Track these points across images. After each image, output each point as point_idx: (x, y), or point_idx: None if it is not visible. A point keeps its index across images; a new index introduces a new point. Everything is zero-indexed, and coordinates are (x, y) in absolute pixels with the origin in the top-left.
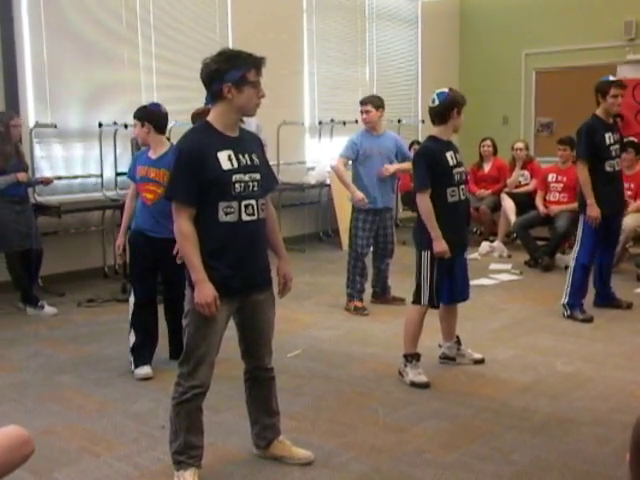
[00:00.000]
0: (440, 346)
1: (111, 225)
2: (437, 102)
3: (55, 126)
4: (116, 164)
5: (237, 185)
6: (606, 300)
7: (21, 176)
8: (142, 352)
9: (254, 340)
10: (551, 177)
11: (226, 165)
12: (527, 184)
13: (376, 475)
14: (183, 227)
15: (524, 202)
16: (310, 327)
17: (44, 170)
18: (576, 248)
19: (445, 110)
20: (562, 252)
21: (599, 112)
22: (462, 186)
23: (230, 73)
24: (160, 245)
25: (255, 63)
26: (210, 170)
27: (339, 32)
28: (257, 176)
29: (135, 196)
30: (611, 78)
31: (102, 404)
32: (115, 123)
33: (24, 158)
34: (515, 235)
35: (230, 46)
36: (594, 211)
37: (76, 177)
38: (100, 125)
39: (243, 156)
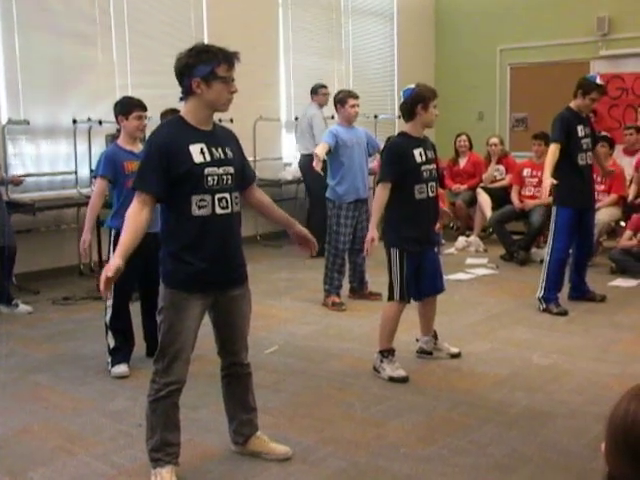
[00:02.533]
0: (417, 340)
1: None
2: (402, 99)
3: (28, 122)
4: (91, 161)
5: (210, 178)
6: (581, 293)
7: None
8: (122, 352)
9: (230, 336)
10: (526, 172)
11: (198, 158)
12: (502, 179)
13: (354, 470)
14: (134, 209)
15: (500, 197)
16: (287, 323)
17: (17, 167)
18: (550, 242)
19: (409, 107)
20: (537, 246)
21: (573, 105)
22: (431, 183)
23: (198, 68)
24: (151, 240)
25: (226, 58)
26: (181, 163)
27: (315, 26)
28: (231, 169)
29: (104, 194)
30: (598, 81)
31: (78, 403)
32: (89, 119)
33: None
34: (491, 230)
35: (205, 40)
36: (547, 181)
37: (50, 174)
38: (74, 122)
39: (216, 149)
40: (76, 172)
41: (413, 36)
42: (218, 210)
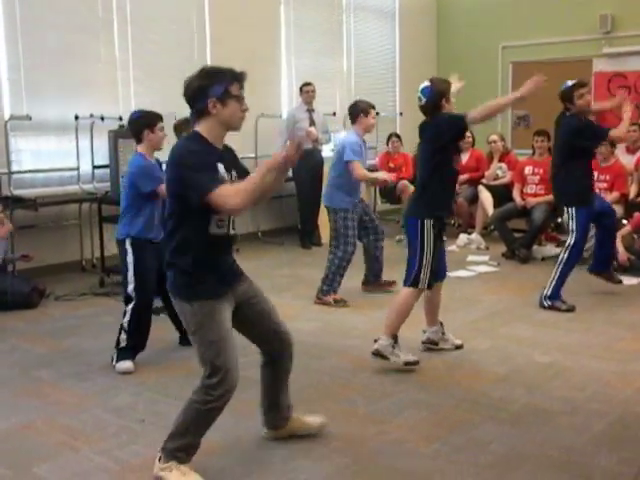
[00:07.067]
0: (424, 332)
1: (88, 218)
2: (424, 100)
3: (30, 118)
4: (93, 157)
5: None
6: (602, 267)
7: None
8: (130, 352)
9: (267, 310)
10: (528, 170)
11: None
12: (504, 177)
13: (356, 466)
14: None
15: (501, 194)
16: (289, 319)
17: (20, 163)
18: (570, 242)
19: (435, 104)
20: (539, 244)
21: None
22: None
23: (213, 88)
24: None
25: (236, 77)
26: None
27: (317, 24)
28: None
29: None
30: (569, 83)
31: (81, 398)
32: (92, 115)
33: None
34: (492, 227)
35: (207, 39)
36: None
37: (52, 170)
38: (76, 117)
39: (227, 170)
40: (78, 168)
41: (415, 34)
42: (231, 231)
